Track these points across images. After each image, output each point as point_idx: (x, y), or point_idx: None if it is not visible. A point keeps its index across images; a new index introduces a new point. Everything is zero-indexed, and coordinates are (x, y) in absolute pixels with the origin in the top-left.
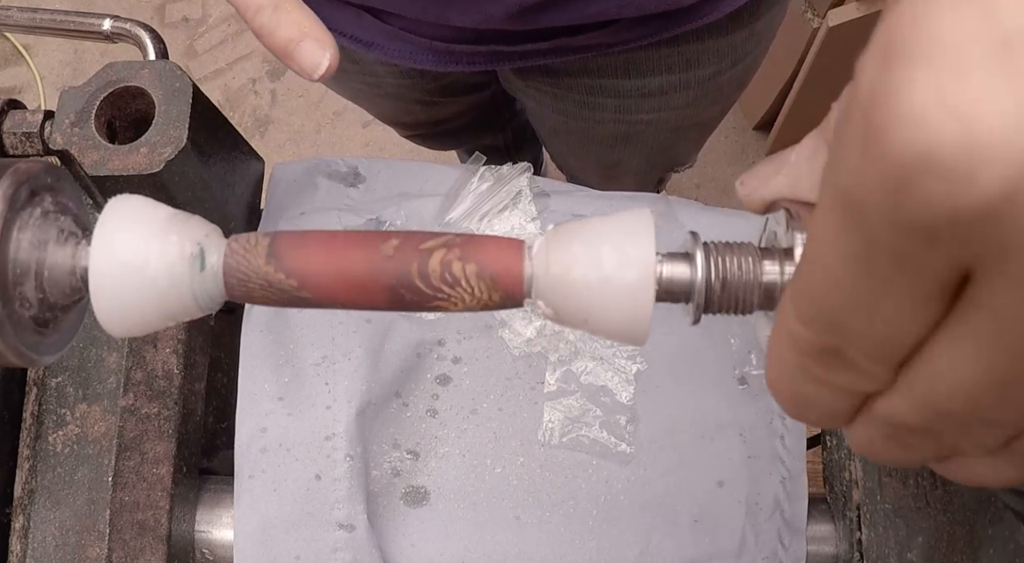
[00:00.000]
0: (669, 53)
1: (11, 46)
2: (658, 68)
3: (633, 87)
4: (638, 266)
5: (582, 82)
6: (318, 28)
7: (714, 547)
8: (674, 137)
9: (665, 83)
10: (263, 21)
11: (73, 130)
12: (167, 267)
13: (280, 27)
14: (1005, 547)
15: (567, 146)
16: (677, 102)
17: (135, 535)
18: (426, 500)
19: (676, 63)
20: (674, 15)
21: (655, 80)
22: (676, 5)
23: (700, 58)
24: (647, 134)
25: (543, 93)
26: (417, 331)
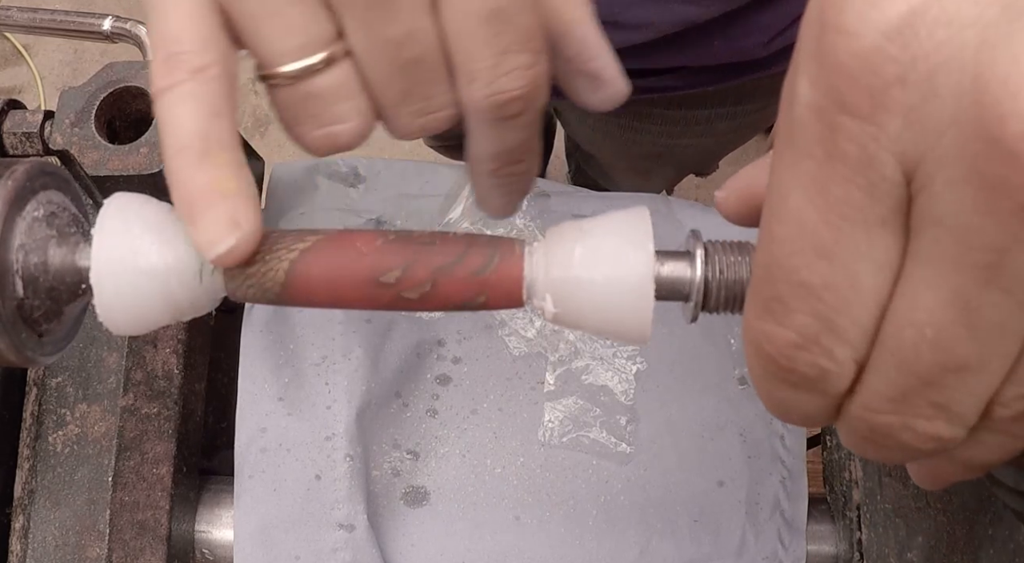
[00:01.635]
0: (725, 90)
1: (11, 46)
2: (710, 102)
3: (680, 116)
4: (637, 265)
5: (631, 109)
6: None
7: (714, 547)
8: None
9: (713, 114)
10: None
11: (73, 130)
12: (167, 264)
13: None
14: (1005, 547)
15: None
16: (721, 130)
17: (135, 535)
18: (426, 500)
19: (728, 98)
20: (744, 66)
21: (704, 112)
22: (748, 57)
23: (753, 95)
24: (684, 154)
25: (587, 114)
26: (417, 331)
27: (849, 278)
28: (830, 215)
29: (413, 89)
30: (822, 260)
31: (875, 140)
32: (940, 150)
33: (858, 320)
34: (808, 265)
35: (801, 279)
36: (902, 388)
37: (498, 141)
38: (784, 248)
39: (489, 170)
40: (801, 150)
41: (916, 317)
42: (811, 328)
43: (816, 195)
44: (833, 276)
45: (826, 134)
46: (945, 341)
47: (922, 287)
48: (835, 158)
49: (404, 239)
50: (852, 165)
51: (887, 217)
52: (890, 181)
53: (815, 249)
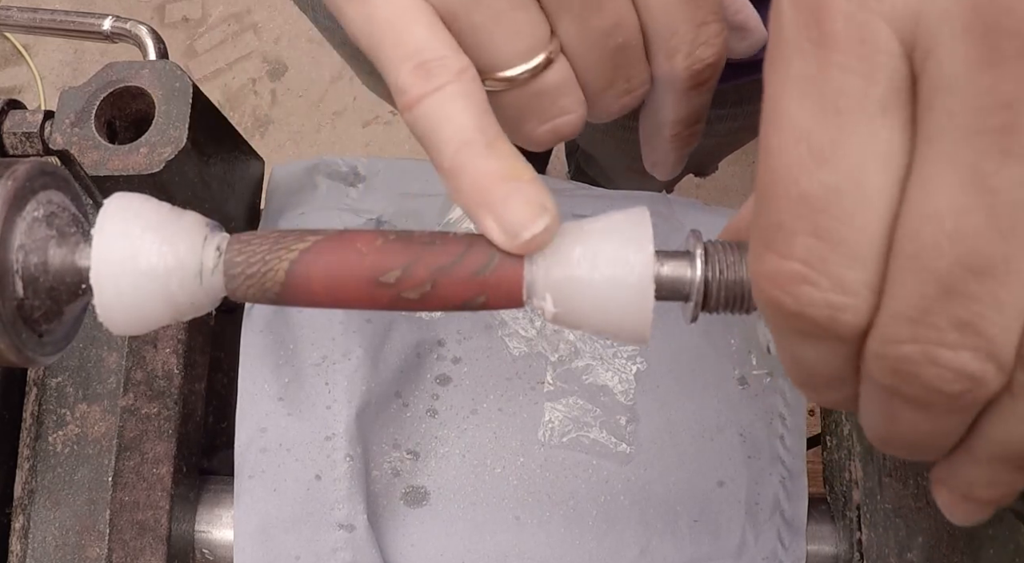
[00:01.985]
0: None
1: (11, 46)
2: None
3: None
4: (637, 265)
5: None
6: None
7: (714, 547)
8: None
9: (713, 114)
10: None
11: (73, 130)
12: (168, 264)
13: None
14: (1005, 547)
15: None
16: (721, 130)
17: (135, 535)
18: (426, 500)
19: (729, 98)
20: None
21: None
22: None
23: (754, 96)
24: None
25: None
26: (417, 331)
27: (852, 180)
28: (825, 111)
29: (618, 72)
30: (821, 165)
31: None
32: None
33: (867, 229)
34: (806, 173)
35: (800, 191)
36: (923, 302)
37: (687, 107)
38: (780, 159)
39: (672, 135)
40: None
41: (933, 207)
42: (816, 251)
43: (809, 91)
44: (834, 181)
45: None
46: (966, 229)
47: (936, 171)
48: (824, 43)
49: (404, 239)
50: (843, 45)
51: (888, 101)
52: (887, 53)
53: (812, 153)
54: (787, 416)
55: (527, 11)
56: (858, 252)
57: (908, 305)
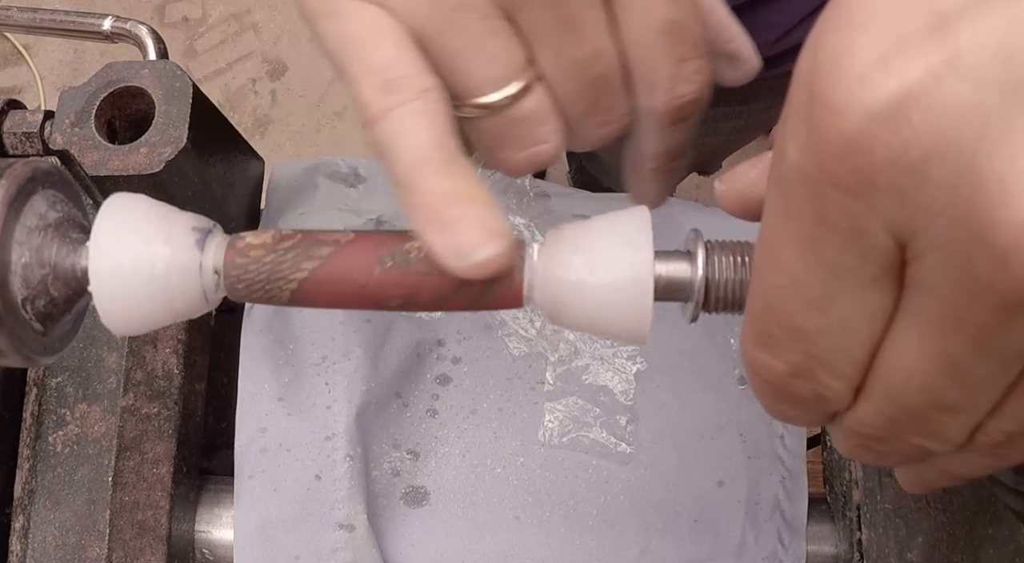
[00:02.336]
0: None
1: (11, 46)
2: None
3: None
4: (637, 266)
5: None
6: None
7: (714, 547)
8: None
9: (718, 113)
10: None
11: (73, 130)
12: (167, 264)
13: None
14: (1005, 547)
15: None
16: (725, 129)
17: (135, 535)
18: (426, 500)
19: (734, 98)
20: None
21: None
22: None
23: (759, 95)
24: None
25: None
26: (417, 331)
27: (842, 327)
28: (822, 273)
29: (598, 103)
30: (814, 311)
31: (865, 214)
32: (932, 233)
33: (851, 359)
34: (801, 313)
35: (795, 324)
36: (892, 417)
37: (667, 141)
38: (777, 296)
39: (654, 167)
40: (791, 210)
41: (905, 364)
42: (805, 364)
43: (807, 254)
44: (826, 324)
45: (815, 202)
46: (932, 388)
47: (912, 341)
48: (825, 225)
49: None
50: (842, 233)
51: (879, 276)
52: (881, 249)
53: (807, 301)
54: None
55: (503, 38)
56: (842, 372)
57: (879, 415)
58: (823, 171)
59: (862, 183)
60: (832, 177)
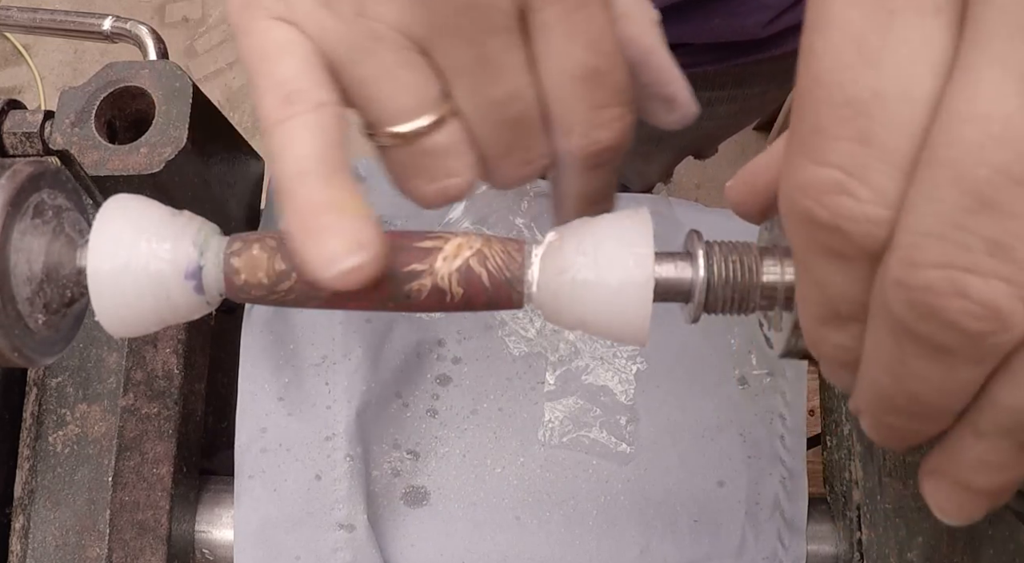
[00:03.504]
0: (726, 71)
1: (11, 46)
2: (711, 84)
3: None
4: (637, 266)
5: None
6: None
7: (714, 547)
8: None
9: (714, 97)
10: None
11: (73, 130)
12: (166, 267)
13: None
14: (1005, 547)
15: None
16: (720, 113)
17: (135, 535)
18: (426, 500)
19: (729, 81)
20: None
21: (704, 94)
22: (748, 36)
23: (754, 78)
24: (685, 138)
25: None
26: (417, 331)
27: (900, 85)
28: (878, 11)
29: (515, 143)
30: (869, 68)
31: None
32: None
33: (911, 136)
34: (854, 77)
35: (846, 94)
36: (956, 216)
37: (585, 184)
38: (825, 62)
39: (574, 208)
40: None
41: (979, 109)
42: (857, 157)
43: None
44: (882, 85)
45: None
46: (1015, 133)
47: (985, 72)
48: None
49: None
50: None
51: (941, 2)
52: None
53: (861, 55)
54: (787, 416)
55: (416, 71)
56: (899, 160)
57: (939, 220)
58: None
59: None
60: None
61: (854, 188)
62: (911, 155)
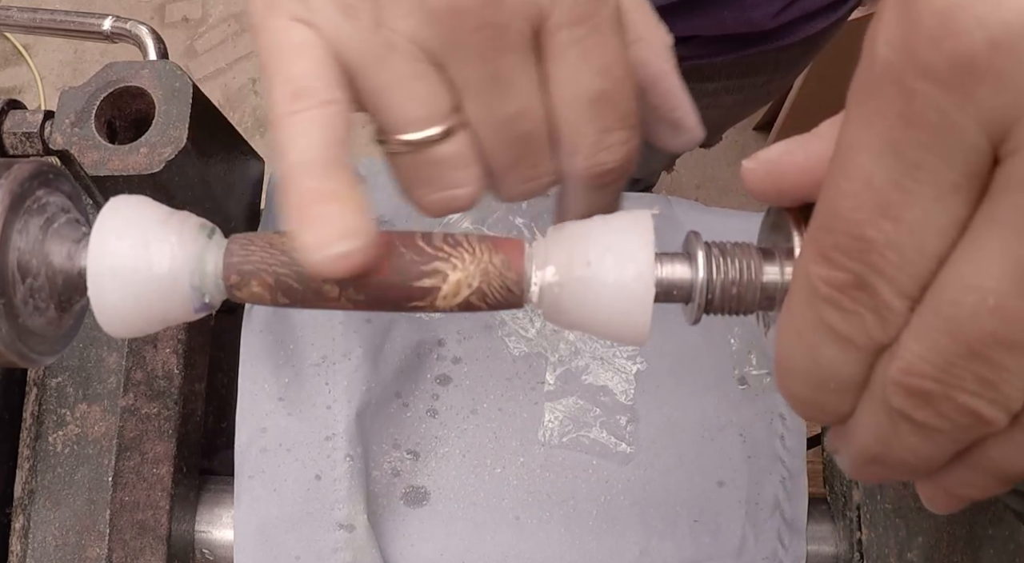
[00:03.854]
0: (732, 62)
1: (11, 46)
2: (717, 74)
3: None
4: (637, 267)
5: None
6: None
7: (714, 547)
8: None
9: (720, 87)
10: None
11: (73, 130)
12: (166, 268)
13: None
14: (1005, 547)
15: None
16: (726, 103)
17: (135, 535)
18: (426, 500)
19: (736, 71)
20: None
21: (710, 85)
22: (757, 28)
23: (759, 68)
24: None
25: None
26: (417, 331)
27: (914, 240)
28: (901, 178)
29: (522, 158)
30: (887, 220)
31: (958, 107)
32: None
33: (917, 277)
34: (872, 223)
35: (864, 234)
36: (950, 356)
37: (590, 203)
38: (848, 203)
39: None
40: (875, 110)
41: (981, 283)
42: (867, 277)
43: (888, 157)
44: (897, 237)
45: (902, 98)
46: (1008, 312)
47: (993, 253)
48: (911, 123)
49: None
50: (930, 131)
51: (962, 183)
52: (971, 148)
53: (881, 209)
54: (787, 416)
55: (429, 82)
56: (904, 290)
57: (935, 354)
58: (914, 60)
59: (958, 69)
60: (924, 65)
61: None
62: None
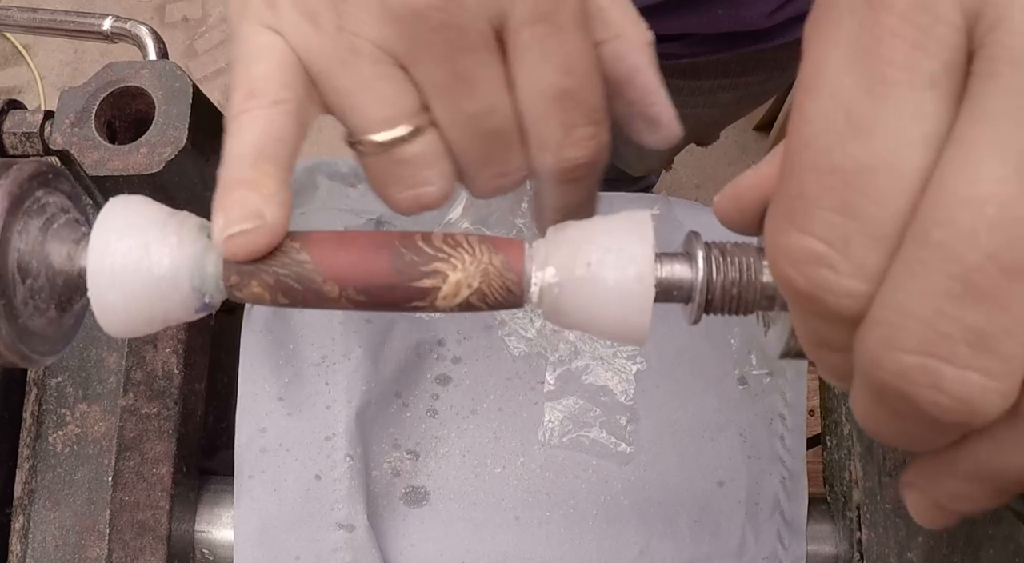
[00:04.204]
0: (728, 60)
1: (11, 46)
2: (715, 73)
3: (683, 86)
4: (638, 267)
5: None
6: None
7: (714, 547)
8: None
9: (716, 85)
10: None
11: (73, 130)
12: (166, 268)
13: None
14: (1005, 547)
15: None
16: (723, 101)
17: (135, 535)
18: (426, 500)
19: (732, 70)
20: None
21: (707, 82)
22: (751, 27)
23: (756, 67)
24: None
25: None
26: (417, 331)
27: (889, 158)
28: (871, 80)
29: (491, 155)
30: (858, 137)
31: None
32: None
33: (896, 211)
34: (841, 144)
35: (832, 163)
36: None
37: (562, 198)
38: (814, 127)
39: (553, 220)
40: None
41: (974, 191)
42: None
43: (856, 56)
44: (869, 156)
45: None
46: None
47: (983, 151)
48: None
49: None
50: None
51: (938, 75)
52: (947, 24)
53: (851, 124)
54: (787, 416)
55: (393, 83)
56: (883, 235)
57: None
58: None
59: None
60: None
61: (834, 260)
62: (896, 230)
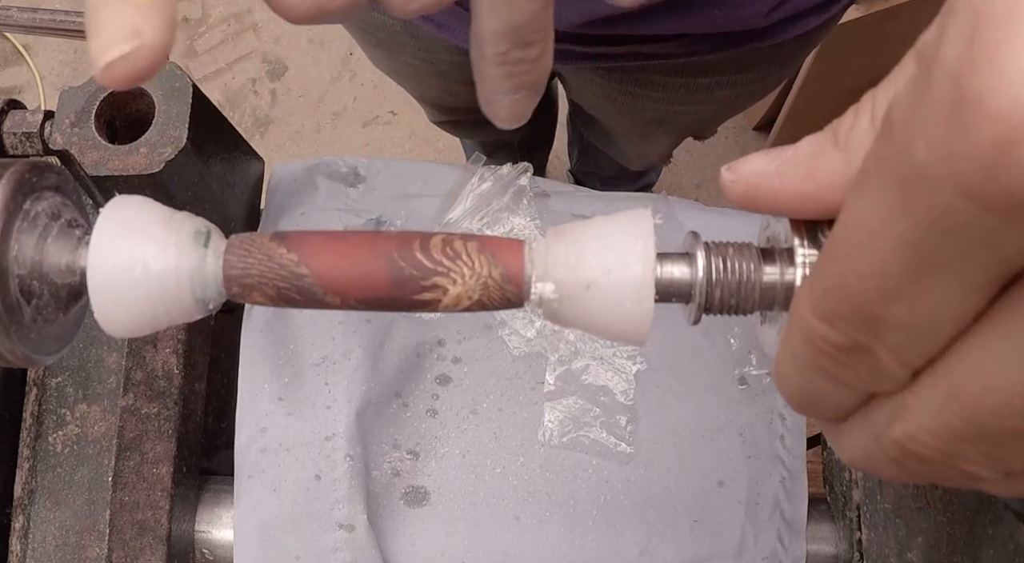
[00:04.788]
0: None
1: (11, 46)
2: (710, 70)
3: (681, 83)
4: (638, 267)
5: (632, 75)
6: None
7: (714, 547)
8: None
9: (713, 82)
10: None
11: (73, 130)
12: (165, 268)
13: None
14: (1005, 547)
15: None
16: (720, 98)
17: (135, 535)
18: (426, 500)
19: (729, 67)
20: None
21: (704, 80)
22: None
23: (753, 64)
24: (684, 120)
25: (589, 80)
26: (417, 331)
27: (926, 324)
28: (922, 276)
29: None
30: (898, 305)
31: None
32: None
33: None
34: (881, 304)
35: (870, 311)
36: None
37: (506, 14)
38: (859, 282)
39: (496, 54)
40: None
41: (1005, 382)
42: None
43: (910, 254)
44: (909, 320)
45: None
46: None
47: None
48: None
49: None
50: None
51: (987, 286)
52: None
53: (893, 295)
54: (787, 416)
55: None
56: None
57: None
58: (962, 182)
59: (1011, 203)
60: (973, 191)
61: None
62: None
